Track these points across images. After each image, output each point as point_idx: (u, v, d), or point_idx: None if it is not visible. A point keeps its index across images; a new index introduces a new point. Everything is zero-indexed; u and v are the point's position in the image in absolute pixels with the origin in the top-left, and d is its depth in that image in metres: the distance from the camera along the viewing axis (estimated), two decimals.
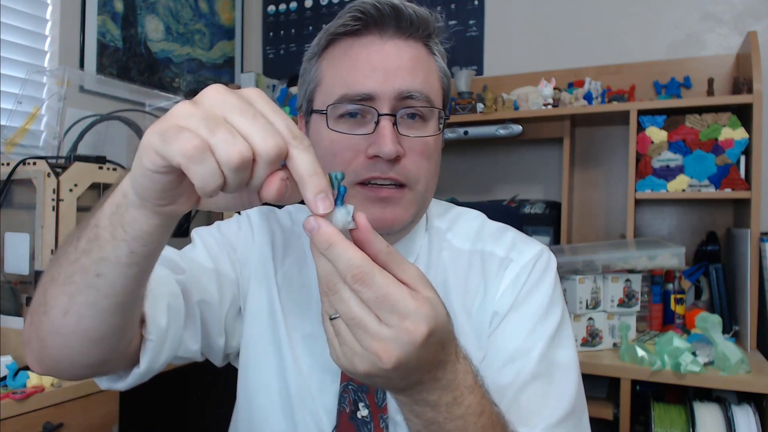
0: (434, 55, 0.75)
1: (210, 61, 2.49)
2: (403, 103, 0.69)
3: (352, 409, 0.73)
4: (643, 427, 1.60)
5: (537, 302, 0.74)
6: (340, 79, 0.70)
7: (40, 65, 1.83)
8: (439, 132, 0.74)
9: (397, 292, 0.46)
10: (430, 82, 0.72)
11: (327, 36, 0.73)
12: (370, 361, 0.46)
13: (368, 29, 0.70)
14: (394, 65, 0.69)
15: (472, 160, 2.29)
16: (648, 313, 1.79)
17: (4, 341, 1.27)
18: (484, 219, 0.84)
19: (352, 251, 0.45)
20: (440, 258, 0.79)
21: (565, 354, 0.73)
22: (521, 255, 0.77)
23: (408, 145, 0.69)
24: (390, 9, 0.69)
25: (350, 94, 0.68)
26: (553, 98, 1.95)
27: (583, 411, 0.73)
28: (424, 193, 0.73)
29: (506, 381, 0.69)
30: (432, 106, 0.71)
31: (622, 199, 1.98)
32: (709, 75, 1.89)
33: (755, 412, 1.38)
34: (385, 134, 0.67)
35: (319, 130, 0.72)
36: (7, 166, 1.31)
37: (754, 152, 1.64)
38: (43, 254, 1.26)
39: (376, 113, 0.68)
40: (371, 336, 0.45)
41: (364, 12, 0.70)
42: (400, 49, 0.70)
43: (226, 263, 0.79)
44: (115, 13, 2.06)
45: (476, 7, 2.31)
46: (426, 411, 0.52)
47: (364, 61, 0.69)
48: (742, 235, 1.67)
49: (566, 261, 1.61)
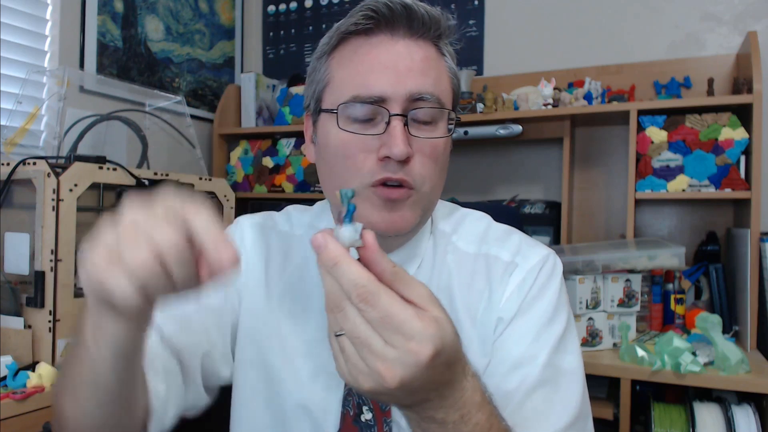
0: (444, 56, 0.74)
1: (210, 61, 2.49)
2: (414, 105, 0.69)
3: (356, 412, 0.73)
4: (643, 427, 1.60)
5: (542, 308, 0.73)
6: (350, 79, 0.69)
7: (40, 65, 1.83)
8: (449, 134, 0.73)
9: (401, 312, 0.45)
10: (441, 83, 0.72)
11: (338, 35, 0.72)
12: (375, 380, 0.46)
13: (379, 29, 0.70)
14: (405, 66, 0.68)
15: (472, 160, 2.29)
16: (648, 313, 1.79)
17: (4, 341, 1.27)
18: (489, 221, 0.83)
19: (357, 270, 0.46)
20: (445, 261, 0.78)
21: (571, 360, 0.73)
22: (527, 259, 0.76)
23: (417, 147, 0.69)
24: (402, 8, 0.69)
25: (362, 95, 0.68)
26: (553, 98, 1.95)
27: (588, 416, 0.73)
28: (430, 195, 0.72)
29: (511, 387, 0.69)
30: (442, 108, 0.71)
31: (622, 199, 1.98)
32: (709, 75, 1.89)
33: (755, 412, 1.38)
34: (397, 135, 0.66)
35: (329, 129, 0.71)
36: (7, 166, 1.31)
37: (754, 152, 1.64)
38: (43, 254, 1.26)
39: (387, 114, 0.67)
40: (375, 355, 0.46)
41: (376, 11, 0.69)
42: (410, 49, 0.70)
43: (218, 295, 0.79)
44: (115, 13, 2.06)
45: (476, 7, 2.31)
46: (433, 428, 0.52)
47: (375, 61, 0.69)
48: (742, 235, 1.67)
49: (566, 261, 1.61)
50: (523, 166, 2.22)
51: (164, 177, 1.54)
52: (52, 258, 1.26)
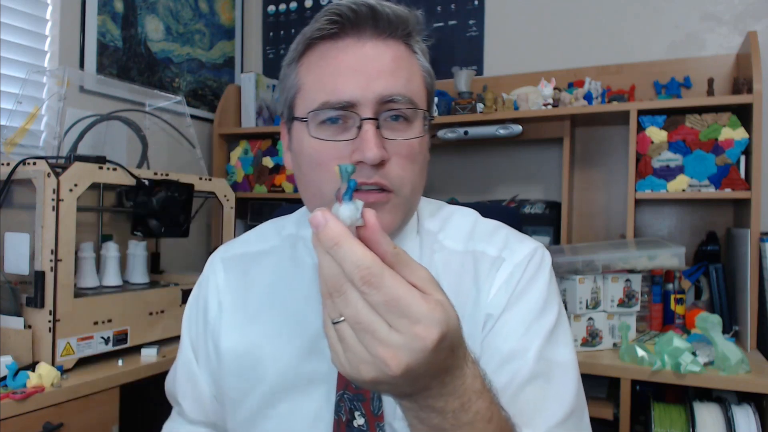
0: (416, 53, 0.72)
1: (210, 61, 2.49)
2: (385, 106, 0.67)
3: (348, 418, 0.72)
4: (643, 427, 1.60)
5: (532, 301, 0.72)
6: (320, 85, 0.68)
7: (40, 65, 1.83)
8: (424, 134, 0.71)
9: (408, 295, 0.44)
10: (413, 82, 0.70)
11: (304, 41, 0.71)
12: (378, 368, 0.44)
13: (345, 32, 0.68)
14: (374, 68, 0.67)
15: (472, 160, 2.29)
16: (648, 313, 1.79)
17: (4, 341, 1.27)
18: (476, 217, 0.81)
19: (360, 251, 0.43)
20: (432, 261, 0.76)
21: (563, 352, 0.71)
22: (514, 254, 0.74)
23: (392, 149, 0.67)
24: (367, 9, 0.67)
25: (331, 101, 0.66)
26: (553, 98, 1.95)
27: (583, 410, 0.72)
28: (410, 197, 0.71)
29: (503, 382, 0.67)
30: (416, 108, 0.69)
31: (622, 199, 1.98)
32: (709, 75, 1.89)
33: (755, 412, 1.38)
34: (369, 138, 0.65)
35: (302, 137, 0.70)
36: (7, 166, 1.31)
37: (754, 152, 1.64)
38: (43, 254, 1.26)
39: (358, 118, 0.66)
40: (379, 341, 0.43)
41: (340, 14, 0.67)
42: (379, 50, 0.68)
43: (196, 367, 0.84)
44: (115, 13, 2.06)
45: (476, 7, 2.31)
46: (432, 417, 0.50)
47: (343, 65, 0.67)
48: (742, 235, 1.67)
49: (566, 261, 1.61)
50: (523, 166, 2.22)
51: (164, 177, 1.54)
52: (52, 258, 1.26)
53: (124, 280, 1.60)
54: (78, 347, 1.31)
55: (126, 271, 1.62)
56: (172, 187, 1.54)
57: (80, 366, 1.32)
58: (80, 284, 1.46)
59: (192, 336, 0.85)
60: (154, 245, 1.86)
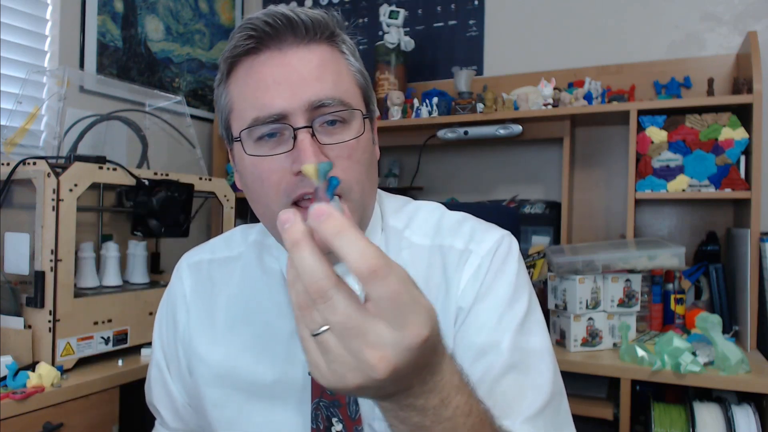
0: (344, 53, 0.71)
1: (210, 61, 2.49)
2: (317, 112, 0.66)
3: (326, 426, 0.71)
4: (643, 427, 1.60)
5: (501, 291, 0.71)
6: (248, 102, 0.67)
7: (40, 65, 1.83)
8: (363, 131, 0.69)
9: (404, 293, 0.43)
10: (342, 83, 0.69)
11: (225, 61, 0.70)
12: (364, 374, 0.43)
13: (265, 44, 0.67)
14: (299, 76, 0.66)
15: (472, 160, 2.29)
16: (648, 313, 1.79)
17: (4, 341, 1.27)
18: (443, 211, 0.80)
19: (363, 243, 0.42)
20: (400, 258, 0.75)
21: (537, 340, 0.70)
22: (480, 245, 0.74)
23: (333, 153, 0.66)
24: (282, 18, 0.66)
25: (262, 116, 0.65)
26: (553, 98, 1.95)
27: (561, 396, 0.71)
28: (362, 198, 0.69)
29: (479, 375, 0.66)
30: (349, 108, 0.68)
31: (622, 199, 1.98)
32: (709, 75, 1.89)
33: (755, 412, 1.38)
34: (305, 148, 0.63)
35: (242, 156, 0.69)
36: (7, 166, 1.31)
37: (754, 152, 1.64)
38: (43, 254, 1.26)
39: (292, 129, 0.65)
40: (368, 345, 0.42)
41: (254, 28, 0.66)
42: (303, 57, 0.67)
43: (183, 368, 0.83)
44: (115, 13, 2.06)
45: (476, 7, 2.31)
46: (412, 416, 0.49)
47: (268, 78, 0.66)
48: (742, 235, 1.67)
49: (566, 261, 1.61)
50: (523, 166, 2.22)
51: (164, 177, 1.54)
52: (52, 258, 1.25)
53: (124, 280, 1.59)
54: (78, 347, 1.31)
55: (126, 271, 1.62)
56: (172, 187, 1.54)
57: (80, 366, 1.31)
58: (80, 284, 1.46)
59: (163, 344, 0.85)
60: (154, 245, 1.86)
